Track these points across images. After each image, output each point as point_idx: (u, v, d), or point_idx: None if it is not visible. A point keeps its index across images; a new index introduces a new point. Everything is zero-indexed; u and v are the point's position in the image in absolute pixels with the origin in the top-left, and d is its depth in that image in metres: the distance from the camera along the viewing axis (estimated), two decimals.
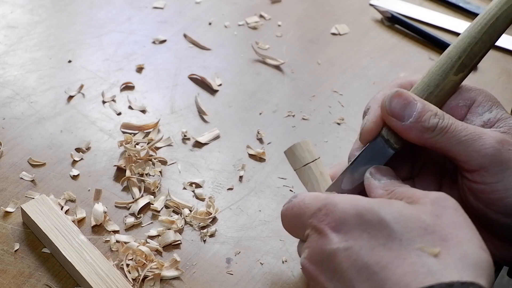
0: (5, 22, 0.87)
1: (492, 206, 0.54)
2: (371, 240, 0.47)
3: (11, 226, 0.64)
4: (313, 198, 0.53)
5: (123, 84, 0.80)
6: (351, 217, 0.49)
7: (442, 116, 0.54)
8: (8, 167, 0.69)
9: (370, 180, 0.55)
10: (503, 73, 0.85)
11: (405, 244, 0.46)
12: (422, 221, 0.47)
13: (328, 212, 0.50)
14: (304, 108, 0.78)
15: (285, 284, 0.61)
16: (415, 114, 0.54)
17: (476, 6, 0.93)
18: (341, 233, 0.49)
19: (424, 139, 0.54)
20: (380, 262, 0.46)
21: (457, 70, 0.56)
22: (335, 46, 0.88)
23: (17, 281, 0.59)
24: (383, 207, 0.48)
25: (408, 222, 0.47)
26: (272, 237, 0.64)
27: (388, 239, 0.47)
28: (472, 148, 0.53)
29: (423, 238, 0.46)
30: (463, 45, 0.56)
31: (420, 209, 0.48)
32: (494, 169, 0.53)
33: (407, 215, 0.47)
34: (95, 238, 0.63)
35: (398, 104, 0.54)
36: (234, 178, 0.70)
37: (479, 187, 0.54)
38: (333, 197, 0.51)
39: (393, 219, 0.47)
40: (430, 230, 0.47)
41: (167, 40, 0.86)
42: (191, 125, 0.75)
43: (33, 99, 0.77)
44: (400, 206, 0.48)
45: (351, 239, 0.48)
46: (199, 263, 0.62)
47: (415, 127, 0.54)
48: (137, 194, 0.67)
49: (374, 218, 0.48)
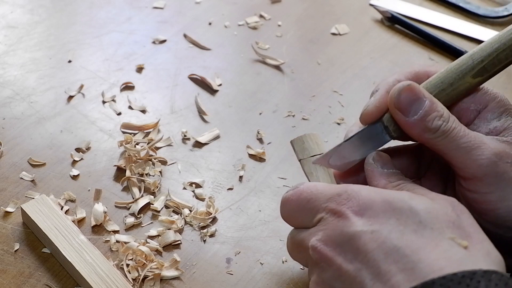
0: (5, 22, 0.87)
1: (484, 216, 0.54)
2: (400, 225, 0.47)
3: (11, 226, 0.64)
4: (326, 186, 0.52)
5: (123, 84, 0.80)
6: (377, 203, 0.48)
7: (447, 118, 0.53)
8: (8, 167, 0.69)
9: (373, 166, 0.54)
10: (503, 73, 0.84)
11: (436, 233, 0.46)
12: (449, 215, 0.48)
13: (350, 197, 0.49)
14: (304, 108, 0.78)
15: (285, 284, 0.61)
16: (421, 112, 0.53)
17: (476, 6, 0.93)
18: (364, 217, 0.48)
19: (424, 138, 0.54)
20: (410, 245, 0.46)
21: (476, 73, 0.55)
22: (335, 46, 0.88)
23: (17, 281, 0.59)
24: (412, 198, 0.48)
25: (438, 215, 0.47)
26: (272, 237, 0.64)
27: (419, 226, 0.47)
28: (469, 157, 0.53)
29: (453, 230, 0.47)
30: (489, 50, 0.54)
31: (444, 206, 0.48)
32: (488, 180, 0.53)
33: (436, 208, 0.48)
34: (95, 238, 0.63)
35: (407, 98, 0.53)
36: (234, 178, 0.70)
37: (472, 195, 0.54)
38: (354, 186, 0.51)
39: (424, 209, 0.47)
40: (457, 224, 0.47)
41: (167, 40, 0.86)
42: (191, 125, 0.75)
43: (33, 99, 0.77)
44: (428, 200, 0.49)
45: (377, 223, 0.47)
46: (199, 263, 0.62)
47: (418, 125, 0.53)
48: (137, 194, 0.67)
49: (405, 205, 0.48)
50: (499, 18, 0.92)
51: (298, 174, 0.70)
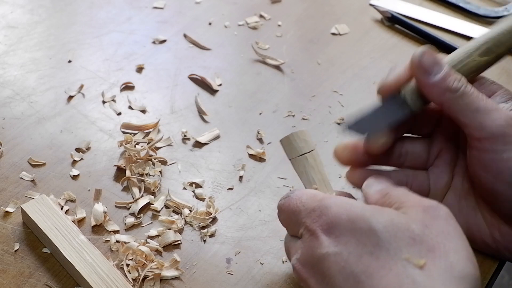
0: (5, 22, 0.87)
1: (500, 175, 0.56)
2: (359, 246, 0.48)
3: (11, 226, 0.64)
4: (310, 197, 0.53)
5: (123, 84, 0.80)
6: (342, 221, 0.49)
7: (465, 82, 0.56)
8: (8, 167, 0.69)
9: (366, 189, 0.55)
10: (503, 73, 0.85)
11: (392, 254, 0.47)
12: (411, 230, 0.48)
13: (321, 214, 0.51)
14: (304, 108, 0.78)
15: (285, 284, 0.61)
16: (443, 73, 0.56)
17: (476, 6, 0.93)
18: (331, 236, 0.49)
19: (444, 99, 0.56)
20: (366, 270, 0.47)
21: (482, 53, 0.59)
22: (335, 46, 0.88)
23: (17, 281, 0.59)
24: (374, 215, 0.49)
25: (397, 231, 0.48)
26: (272, 237, 0.64)
27: (375, 248, 0.47)
28: (488, 117, 0.55)
29: (411, 248, 0.47)
30: (492, 34, 0.59)
31: (410, 218, 0.49)
32: (505, 139, 0.55)
33: (397, 224, 0.48)
34: (95, 238, 0.63)
35: (429, 60, 0.57)
36: (234, 178, 0.70)
37: (490, 156, 0.56)
38: (328, 198, 0.52)
39: (383, 227, 0.48)
40: (418, 240, 0.47)
41: (167, 40, 0.86)
42: (191, 125, 0.75)
43: (33, 99, 0.77)
44: (391, 215, 0.49)
45: (341, 244, 0.48)
46: (199, 263, 0.62)
47: (440, 85, 0.56)
48: (137, 194, 0.67)
49: (364, 225, 0.48)
50: (499, 18, 0.92)
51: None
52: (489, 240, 0.60)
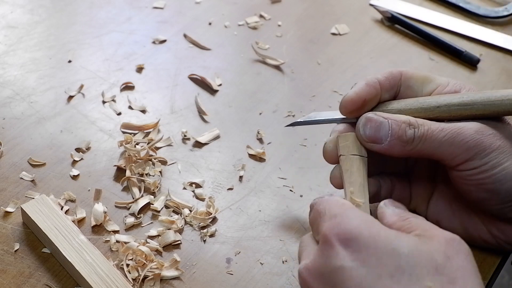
0: (5, 22, 0.87)
1: (482, 186, 0.56)
2: (379, 267, 0.46)
3: (11, 226, 0.64)
4: (338, 204, 0.51)
5: (123, 84, 0.80)
6: (363, 237, 0.48)
7: (415, 124, 0.56)
8: (8, 167, 0.69)
9: (384, 209, 0.53)
10: (503, 73, 0.85)
11: (414, 280, 0.46)
12: (434, 260, 0.47)
13: (341, 223, 0.49)
14: (304, 108, 0.78)
15: (285, 284, 0.61)
16: (390, 132, 0.56)
17: (476, 6, 0.93)
18: (348, 249, 0.48)
19: (406, 151, 0.56)
20: None
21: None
22: (335, 46, 0.88)
23: (17, 281, 0.59)
24: (399, 237, 0.48)
25: (421, 259, 0.46)
26: (272, 237, 0.64)
27: (397, 271, 0.46)
28: (455, 146, 0.55)
29: (433, 277, 0.46)
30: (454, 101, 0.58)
31: (433, 248, 0.48)
32: (479, 156, 0.55)
33: (421, 251, 0.47)
34: (95, 238, 0.63)
35: (371, 129, 0.56)
36: (234, 178, 0.70)
37: (474, 176, 0.56)
38: (354, 211, 0.50)
39: (407, 251, 0.47)
40: (440, 270, 0.46)
41: (167, 40, 0.86)
42: (191, 125, 0.75)
43: (33, 99, 0.77)
44: (416, 241, 0.48)
45: (358, 260, 0.47)
46: (199, 263, 0.62)
47: (395, 143, 0.56)
48: (137, 194, 0.67)
49: (388, 246, 0.47)
50: (499, 18, 0.92)
51: (298, 174, 0.70)
52: (488, 237, 0.60)
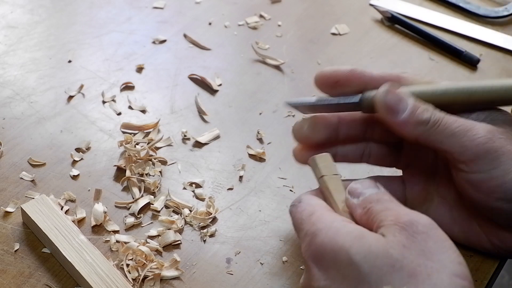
0: (5, 22, 0.87)
1: (493, 194, 0.55)
2: (344, 281, 0.47)
3: (11, 226, 0.64)
4: (307, 216, 0.52)
5: (123, 84, 0.80)
6: (327, 253, 0.49)
7: (432, 110, 0.55)
8: (8, 167, 0.69)
9: (349, 200, 0.54)
10: (503, 73, 0.85)
11: (373, 286, 0.46)
12: (389, 256, 0.47)
13: (311, 243, 0.50)
14: None
15: (285, 284, 0.61)
16: (409, 108, 0.55)
17: (476, 6, 0.93)
18: (321, 268, 0.49)
19: (417, 133, 0.55)
20: None
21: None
22: (335, 46, 0.88)
23: (17, 281, 0.59)
24: (354, 245, 0.48)
25: (377, 260, 0.47)
26: (272, 237, 0.64)
27: (358, 282, 0.47)
28: (466, 138, 0.54)
29: (391, 276, 0.46)
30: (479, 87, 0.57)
31: (388, 242, 0.47)
32: (490, 156, 0.54)
33: (376, 252, 0.47)
34: (95, 238, 0.63)
35: (393, 98, 0.55)
36: (234, 178, 0.70)
37: (477, 176, 0.55)
38: (320, 222, 0.51)
39: (362, 258, 0.47)
40: (397, 266, 0.46)
41: (167, 40, 0.86)
42: (191, 125, 0.75)
43: (33, 99, 0.77)
44: (370, 241, 0.48)
45: (329, 279, 0.49)
46: (199, 263, 0.62)
47: (410, 121, 0.55)
48: (137, 194, 0.67)
49: (345, 258, 0.48)
50: (499, 18, 0.92)
51: (298, 174, 0.70)
52: (488, 245, 0.60)
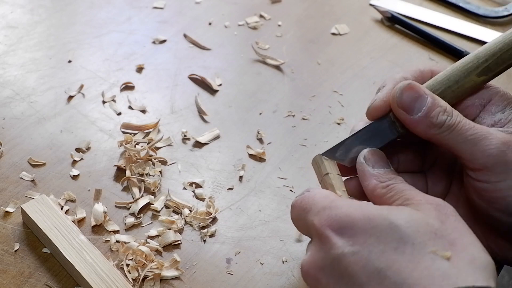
0: (5, 22, 0.87)
1: (495, 205, 0.54)
2: (381, 244, 0.46)
3: (11, 226, 0.64)
4: (323, 197, 0.51)
5: (123, 84, 0.80)
6: (357, 221, 0.48)
7: (450, 113, 0.54)
8: (8, 167, 0.69)
9: (364, 166, 0.54)
10: (503, 73, 0.85)
11: (418, 248, 0.46)
12: (431, 225, 0.47)
13: (331, 214, 0.49)
14: (304, 108, 0.78)
15: (285, 284, 0.61)
16: (425, 109, 0.54)
17: (476, 6, 0.93)
18: (345, 236, 0.48)
19: (430, 134, 0.54)
20: (392, 266, 0.46)
21: (480, 72, 0.56)
22: (335, 46, 0.88)
23: (17, 281, 0.59)
24: (392, 212, 0.48)
25: (419, 227, 0.47)
26: (272, 237, 0.64)
27: (400, 243, 0.46)
28: (477, 148, 0.53)
29: (435, 242, 0.46)
30: (493, 49, 0.56)
31: (426, 214, 0.48)
32: (498, 169, 0.53)
33: (417, 220, 0.47)
34: (95, 238, 0.63)
35: (409, 97, 0.54)
36: (234, 178, 0.70)
37: (482, 185, 0.54)
38: (340, 200, 0.51)
39: (405, 223, 0.47)
40: (439, 234, 0.47)
41: (167, 40, 0.86)
42: (191, 125, 0.75)
43: (33, 99, 0.77)
44: (409, 211, 0.48)
45: (357, 244, 0.47)
46: (199, 263, 0.62)
47: (423, 122, 0.54)
48: (137, 194, 0.67)
49: (384, 222, 0.47)
50: (499, 18, 0.92)
51: (298, 174, 0.70)
52: (487, 250, 0.60)
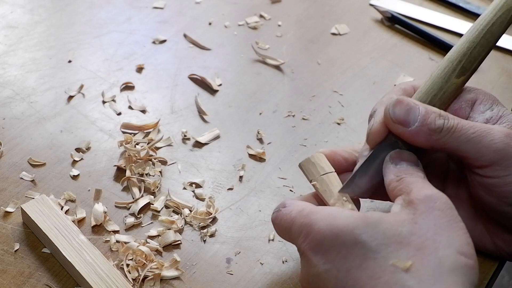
0: (5, 22, 0.87)
1: (505, 199, 0.55)
2: (347, 261, 0.48)
3: (11, 226, 0.64)
4: (298, 212, 0.53)
5: (123, 84, 0.80)
6: (326, 238, 0.50)
7: (446, 116, 0.55)
8: (8, 167, 0.69)
9: (388, 163, 0.55)
10: (503, 73, 0.85)
11: (380, 262, 0.47)
12: (398, 234, 0.48)
13: (308, 233, 0.51)
14: (304, 108, 0.78)
15: (285, 284, 0.61)
16: (420, 118, 0.54)
17: (476, 6, 0.93)
18: (319, 254, 0.50)
19: (432, 141, 0.54)
20: (356, 284, 0.47)
21: (458, 73, 0.57)
22: (335, 46, 0.88)
23: (17, 281, 0.59)
24: (359, 225, 0.49)
25: (384, 238, 0.48)
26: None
27: (363, 259, 0.48)
28: (482, 145, 0.54)
29: (398, 252, 0.47)
30: (462, 49, 0.58)
31: (399, 220, 0.49)
32: (506, 162, 0.54)
33: (384, 230, 0.48)
34: (95, 238, 0.63)
35: (401, 110, 0.55)
36: (234, 178, 0.70)
37: (492, 181, 0.55)
38: (315, 213, 0.52)
39: (369, 237, 0.48)
40: (405, 242, 0.47)
41: (167, 40, 0.86)
42: (191, 125, 0.75)
43: (33, 99, 0.77)
44: (378, 220, 0.49)
45: (328, 262, 0.49)
46: (199, 263, 0.62)
47: (422, 130, 0.54)
48: (137, 194, 0.67)
49: (350, 238, 0.48)
50: None
51: (298, 174, 0.70)
52: (492, 247, 0.60)
